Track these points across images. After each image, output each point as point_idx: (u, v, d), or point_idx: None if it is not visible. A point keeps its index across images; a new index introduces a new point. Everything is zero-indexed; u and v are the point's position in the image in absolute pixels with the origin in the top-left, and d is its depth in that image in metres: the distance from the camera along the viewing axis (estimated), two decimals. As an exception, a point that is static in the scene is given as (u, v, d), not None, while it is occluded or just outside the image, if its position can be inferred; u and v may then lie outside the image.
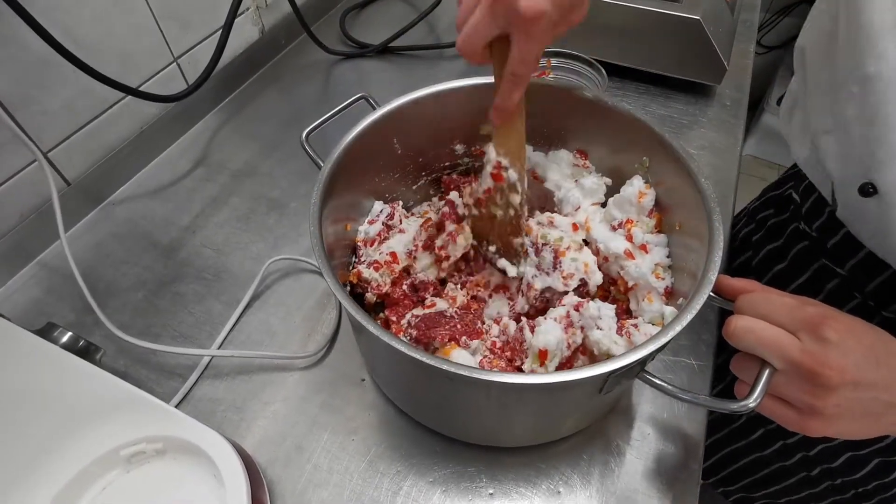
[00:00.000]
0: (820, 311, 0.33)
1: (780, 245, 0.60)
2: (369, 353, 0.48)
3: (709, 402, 0.35)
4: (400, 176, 0.54)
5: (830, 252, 0.52)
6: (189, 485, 0.41)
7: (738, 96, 0.80)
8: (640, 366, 0.36)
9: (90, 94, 0.62)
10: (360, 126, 0.47)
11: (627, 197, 0.48)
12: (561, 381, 0.33)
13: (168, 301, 0.57)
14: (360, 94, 0.52)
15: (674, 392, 0.35)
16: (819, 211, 0.53)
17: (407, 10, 0.97)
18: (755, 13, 0.97)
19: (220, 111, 0.78)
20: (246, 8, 0.79)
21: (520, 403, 0.40)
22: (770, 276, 0.61)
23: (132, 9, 0.63)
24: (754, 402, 0.33)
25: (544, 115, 0.50)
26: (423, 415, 0.47)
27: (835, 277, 0.52)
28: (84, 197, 0.64)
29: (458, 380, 0.33)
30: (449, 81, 0.50)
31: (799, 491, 0.64)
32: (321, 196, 0.43)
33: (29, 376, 0.42)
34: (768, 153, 1.98)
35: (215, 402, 0.50)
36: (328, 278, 0.38)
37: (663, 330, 0.35)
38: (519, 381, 0.33)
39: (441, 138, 0.54)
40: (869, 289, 0.49)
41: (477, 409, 0.42)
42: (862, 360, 0.32)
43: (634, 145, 0.48)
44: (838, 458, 0.56)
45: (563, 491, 0.45)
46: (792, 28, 2.03)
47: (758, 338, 0.34)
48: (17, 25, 0.50)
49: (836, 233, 0.50)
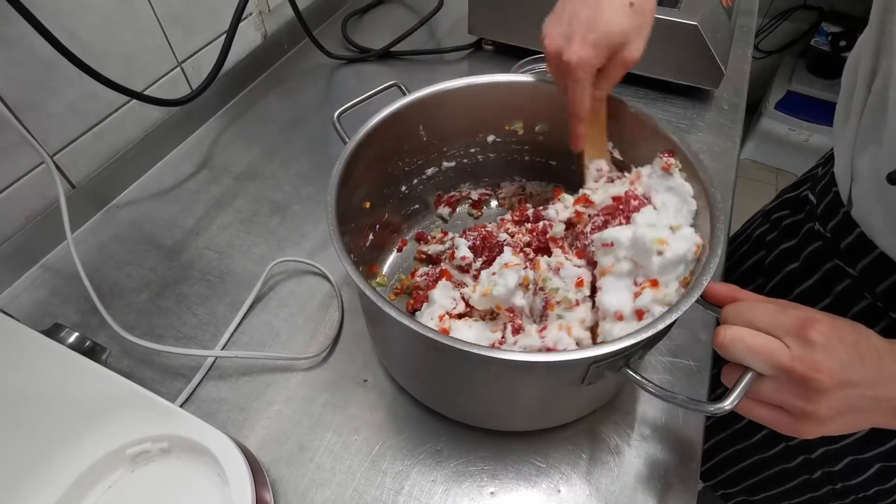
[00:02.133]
0: (802, 314, 0.34)
1: (794, 245, 0.61)
2: (378, 334, 0.49)
3: (686, 402, 0.35)
4: (424, 162, 0.57)
5: (843, 252, 0.52)
6: (193, 484, 0.41)
7: (736, 100, 0.81)
8: (623, 360, 0.36)
9: (95, 98, 0.62)
10: (389, 109, 0.50)
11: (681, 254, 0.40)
12: (541, 361, 0.34)
13: (172, 302, 0.57)
14: (392, 82, 0.54)
15: (653, 390, 0.36)
16: (834, 211, 0.53)
17: (408, 15, 0.98)
18: (752, 18, 0.98)
19: (223, 115, 0.79)
20: (249, 13, 0.80)
21: (511, 381, 0.40)
22: (782, 275, 0.62)
23: (137, 13, 0.64)
24: (730, 405, 0.33)
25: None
26: (430, 397, 0.49)
27: (846, 278, 0.53)
28: (88, 200, 0.65)
29: (452, 352, 0.35)
30: (479, 76, 0.53)
31: (800, 495, 0.64)
32: (343, 167, 0.45)
33: (37, 375, 0.42)
34: (766, 157, 1.99)
35: (219, 402, 0.50)
36: (339, 252, 0.39)
37: (645, 327, 0.35)
38: (501, 356, 0.34)
39: (467, 129, 0.56)
40: (879, 290, 0.49)
41: (476, 385, 0.43)
42: (847, 359, 0.33)
43: (644, 148, 0.49)
44: (840, 461, 0.57)
45: (563, 490, 0.45)
46: (790, 33, 2.04)
47: (747, 346, 0.34)
48: (24, 29, 0.51)
49: (850, 233, 0.51)
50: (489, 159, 0.59)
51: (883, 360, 0.34)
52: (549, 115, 0.54)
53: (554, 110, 0.54)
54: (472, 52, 0.89)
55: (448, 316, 0.48)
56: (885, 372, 0.33)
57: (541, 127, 0.56)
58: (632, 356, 0.37)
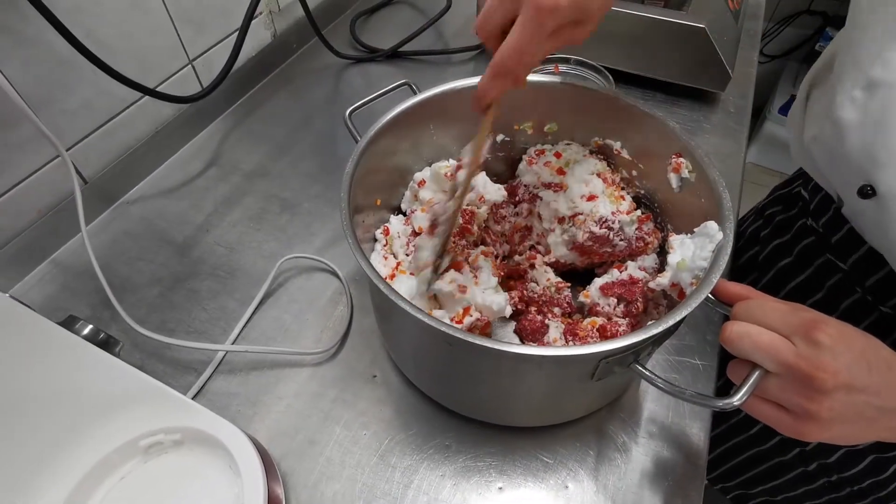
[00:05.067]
0: (812, 317, 0.34)
1: (787, 240, 0.61)
2: (388, 328, 0.49)
3: (695, 398, 0.36)
4: (433, 161, 0.57)
5: (834, 247, 0.53)
6: (206, 476, 0.41)
7: (742, 103, 0.81)
8: (633, 356, 0.37)
9: (109, 94, 0.63)
10: (400, 107, 0.50)
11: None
12: (552, 356, 0.35)
13: (183, 297, 0.58)
14: (403, 81, 0.55)
15: (662, 386, 0.36)
16: (826, 207, 0.54)
17: (416, 16, 0.98)
18: (758, 22, 0.98)
19: (233, 113, 0.80)
20: (259, 12, 0.81)
21: (521, 375, 0.41)
22: (775, 270, 0.62)
23: (150, 12, 0.65)
24: (739, 401, 0.33)
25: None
26: (439, 392, 0.49)
27: (837, 273, 0.54)
28: (100, 195, 0.66)
29: (462, 345, 0.35)
30: None
31: (796, 488, 0.65)
32: (355, 163, 0.45)
33: (53, 366, 0.43)
34: (770, 161, 1.99)
35: (230, 396, 0.51)
36: (352, 246, 0.39)
37: (655, 323, 0.36)
38: (514, 350, 0.35)
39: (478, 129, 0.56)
40: (868, 284, 0.50)
41: (485, 379, 0.43)
42: (854, 364, 0.33)
43: (653, 149, 0.50)
44: (834, 453, 0.57)
45: (570, 486, 0.46)
46: (793, 38, 2.05)
47: (753, 342, 0.34)
48: (42, 27, 0.51)
49: (841, 228, 0.52)
50: (498, 158, 0.59)
51: (892, 371, 0.34)
52: (559, 115, 0.55)
53: (563, 110, 0.55)
54: (480, 53, 0.90)
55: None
56: (893, 382, 0.33)
57: (550, 126, 0.56)
58: (641, 352, 0.37)
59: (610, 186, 0.54)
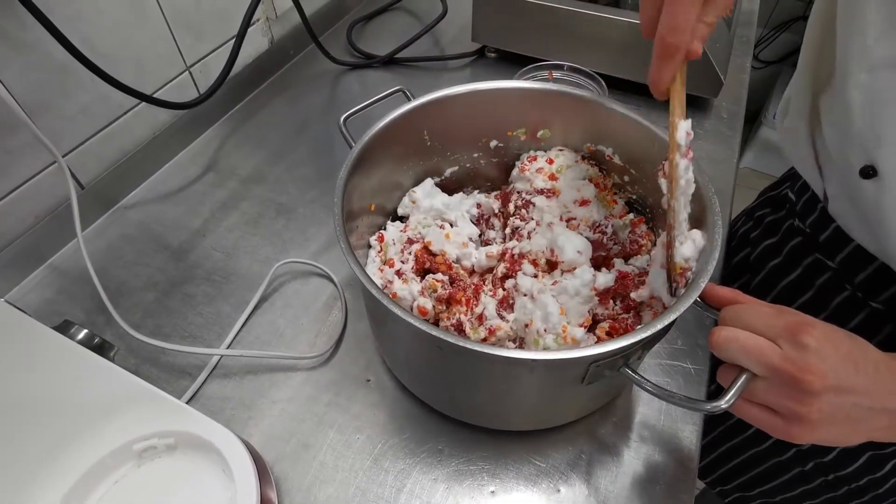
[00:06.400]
0: (798, 319, 0.34)
1: (776, 241, 0.62)
2: (382, 333, 0.49)
3: (684, 401, 0.36)
4: (427, 166, 0.58)
5: (822, 246, 0.54)
6: (199, 480, 0.42)
7: (735, 109, 0.82)
8: (622, 360, 0.37)
9: (106, 101, 0.64)
10: (394, 113, 0.50)
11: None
12: (543, 360, 0.35)
13: (178, 302, 0.58)
14: (398, 87, 0.55)
15: (651, 389, 0.37)
16: (812, 208, 0.55)
17: (412, 22, 0.99)
18: (752, 29, 0.99)
19: (230, 119, 0.80)
20: (256, 19, 0.81)
21: (513, 379, 0.41)
22: (766, 270, 0.63)
23: (148, 19, 0.65)
24: (726, 404, 0.34)
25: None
26: (432, 396, 0.49)
27: (826, 271, 0.54)
28: (97, 200, 0.66)
29: (448, 349, 0.36)
30: (483, 82, 0.53)
31: (794, 488, 0.65)
32: (349, 170, 0.46)
33: (47, 370, 0.43)
34: (765, 166, 2.00)
35: (224, 400, 0.51)
36: (345, 252, 0.40)
37: (643, 327, 0.36)
38: (504, 354, 0.35)
39: (471, 135, 0.57)
40: (858, 280, 0.51)
41: (477, 383, 0.44)
42: (841, 365, 0.33)
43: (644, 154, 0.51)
44: (830, 452, 0.58)
45: (562, 490, 0.46)
46: (789, 44, 2.06)
47: (740, 346, 0.35)
48: (40, 35, 0.52)
49: (827, 227, 0.53)
50: (492, 164, 0.60)
51: (879, 371, 0.34)
52: (551, 121, 0.56)
53: (556, 117, 0.55)
54: (475, 60, 0.90)
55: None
56: (881, 382, 0.34)
57: (543, 133, 0.57)
58: (631, 356, 0.37)
59: (602, 191, 0.54)
